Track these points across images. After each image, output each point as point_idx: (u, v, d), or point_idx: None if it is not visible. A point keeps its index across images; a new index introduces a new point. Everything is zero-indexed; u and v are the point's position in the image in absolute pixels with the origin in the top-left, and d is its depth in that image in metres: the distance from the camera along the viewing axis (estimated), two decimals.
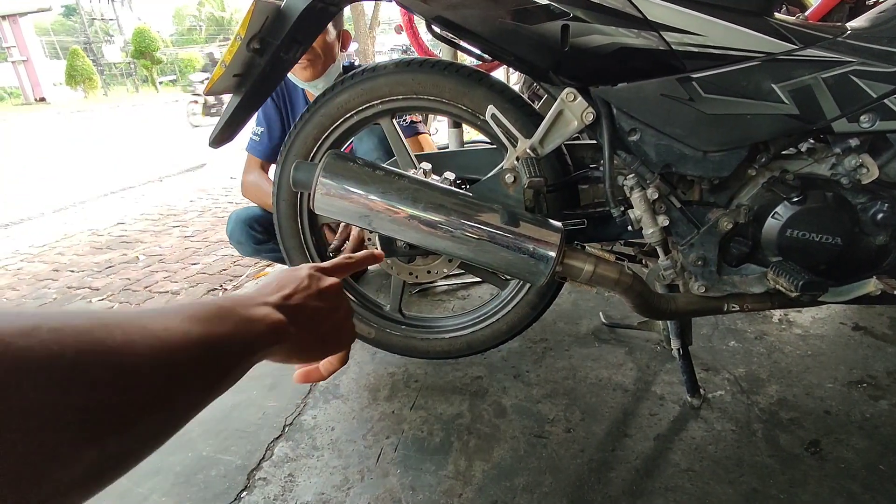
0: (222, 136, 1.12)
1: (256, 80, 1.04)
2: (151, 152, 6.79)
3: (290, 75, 1.54)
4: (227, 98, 1.09)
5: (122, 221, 3.43)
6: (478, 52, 1.07)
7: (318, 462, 1.02)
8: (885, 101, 0.78)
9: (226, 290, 2.18)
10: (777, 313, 1.39)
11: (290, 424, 1.13)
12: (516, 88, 1.40)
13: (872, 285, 0.86)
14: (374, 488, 0.95)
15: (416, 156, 1.10)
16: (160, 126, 9.43)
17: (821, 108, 0.81)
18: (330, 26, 1.47)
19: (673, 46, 0.81)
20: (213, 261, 2.56)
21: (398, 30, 3.64)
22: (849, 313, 1.37)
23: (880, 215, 0.86)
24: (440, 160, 1.11)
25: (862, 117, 0.80)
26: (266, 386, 1.28)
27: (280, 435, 1.10)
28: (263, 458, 1.04)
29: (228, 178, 4.65)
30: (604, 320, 1.41)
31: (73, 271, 2.56)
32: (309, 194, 0.89)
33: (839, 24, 0.85)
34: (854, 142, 0.84)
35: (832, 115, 0.81)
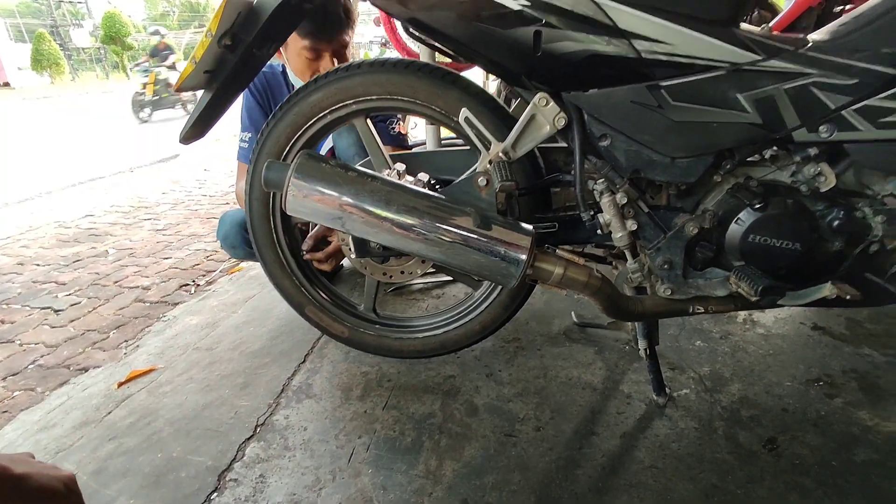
0: (193, 133, 1.10)
1: (228, 77, 1.03)
2: (122, 141, 6.61)
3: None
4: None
5: (91, 213, 3.35)
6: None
7: (289, 462, 1.02)
8: (843, 112, 0.81)
9: (198, 285, 2.14)
10: (742, 314, 1.44)
11: (262, 424, 1.12)
12: (493, 87, 1.40)
13: (828, 290, 0.89)
14: (345, 488, 0.95)
15: (390, 156, 1.10)
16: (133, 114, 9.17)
17: (782, 117, 0.83)
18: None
19: (642, 54, 0.83)
20: (186, 255, 2.52)
21: (377, 22, 3.61)
22: (808, 314, 1.42)
23: (836, 222, 0.90)
24: (415, 161, 1.11)
25: (821, 128, 0.83)
26: (238, 385, 1.27)
27: (252, 435, 1.09)
28: (234, 458, 1.03)
29: (202, 169, 4.57)
30: (575, 320, 1.44)
31: (38, 265, 2.49)
32: (281, 195, 0.89)
33: (801, 35, 0.87)
34: (813, 151, 0.87)
35: (793, 125, 0.84)
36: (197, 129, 1.09)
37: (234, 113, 1.41)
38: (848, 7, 2.17)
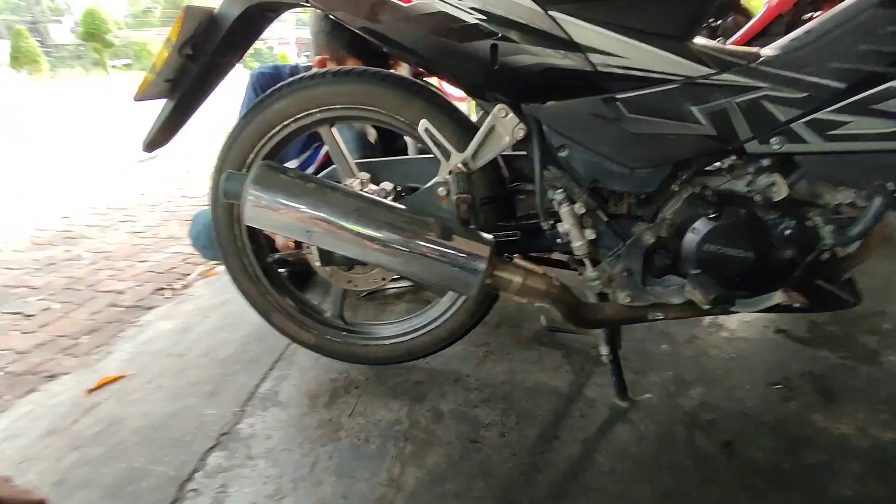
0: (157, 140, 1.10)
1: (190, 85, 1.03)
2: (101, 141, 6.51)
3: None
4: None
5: (67, 216, 3.29)
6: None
7: (251, 472, 1.02)
8: (792, 125, 0.83)
9: (174, 289, 2.13)
10: (707, 317, 1.46)
11: (227, 433, 1.12)
12: None
13: (779, 297, 0.91)
14: (306, 497, 0.96)
15: (356, 163, 1.10)
16: (112, 113, 9.03)
17: (735, 130, 0.85)
18: None
19: (598, 68, 0.84)
20: (163, 258, 2.50)
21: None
22: (772, 317, 1.45)
23: (788, 231, 0.92)
24: (380, 168, 1.11)
25: (772, 139, 0.85)
26: (205, 393, 1.27)
27: (215, 444, 1.09)
28: (196, 468, 1.03)
29: (183, 171, 4.52)
30: (544, 324, 1.45)
31: (10, 268, 2.45)
32: (240, 205, 0.89)
33: (754, 49, 0.89)
34: (766, 162, 0.89)
35: (745, 137, 0.85)
36: (160, 136, 1.09)
37: (209, 115, 1.40)
38: (816, 14, 2.23)
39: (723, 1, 2.79)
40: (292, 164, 1.64)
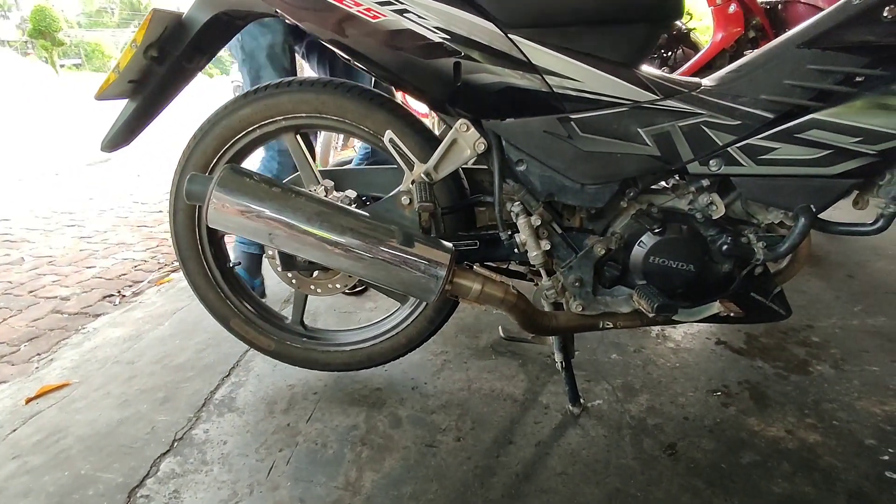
0: (116, 140, 1.09)
1: (155, 88, 1.03)
2: (48, 142, 6.23)
3: None
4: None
5: (7, 218, 3.14)
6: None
7: (206, 477, 1.00)
8: (729, 149, 0.91)
9: (124, 296, 2.06)
10: (655, 329, 1.54)
11: (180, 439, 1.10)
12: None
13: (716, 307, 0.99)
14: (263, 501, 0.95)
15: (319, 171, 1.12)
16: (61, 113, 8.65)
17: (678, 151, 0.92)
18: None
19: (554, 89, 0.90)
20: (112, 265, 2.41)
21: None
22: (713, 329, 1.54)
23: (725, 247, 0.99)
24: (343, 177, 1.13)
25: (711, 162, 0.92)
26: (157, 400, 1.24)
27: (168, 450, 1.07)
28: (148, 474, 1.01)
29: (135, 175, 4.38)
30: (501, 334, 1.49)
31: None
32: (204, 207, 0.89)
33: (695, 79, 0.97)
34: (705, 182, 0.96)
35: (687, 159, 0.92)
36: (120, 137, 1.08)
37: (168, 119, 1.39)
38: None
39: (673, 35, 2.97)
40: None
